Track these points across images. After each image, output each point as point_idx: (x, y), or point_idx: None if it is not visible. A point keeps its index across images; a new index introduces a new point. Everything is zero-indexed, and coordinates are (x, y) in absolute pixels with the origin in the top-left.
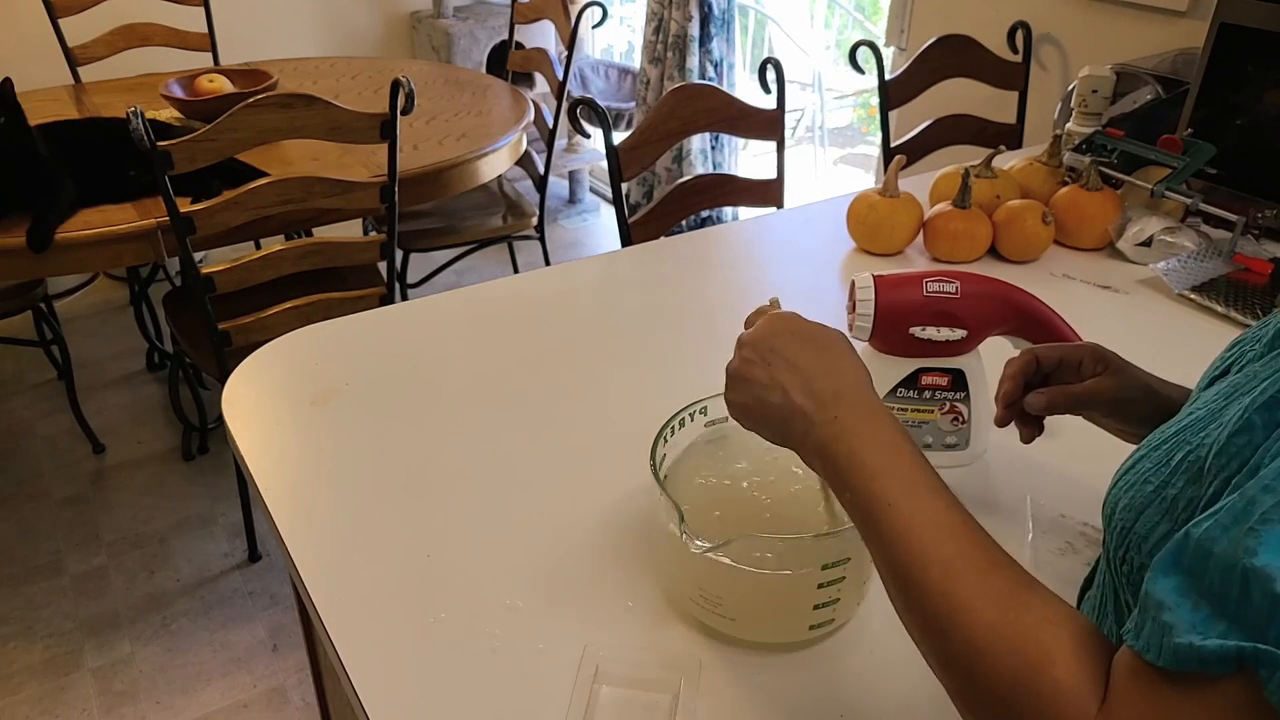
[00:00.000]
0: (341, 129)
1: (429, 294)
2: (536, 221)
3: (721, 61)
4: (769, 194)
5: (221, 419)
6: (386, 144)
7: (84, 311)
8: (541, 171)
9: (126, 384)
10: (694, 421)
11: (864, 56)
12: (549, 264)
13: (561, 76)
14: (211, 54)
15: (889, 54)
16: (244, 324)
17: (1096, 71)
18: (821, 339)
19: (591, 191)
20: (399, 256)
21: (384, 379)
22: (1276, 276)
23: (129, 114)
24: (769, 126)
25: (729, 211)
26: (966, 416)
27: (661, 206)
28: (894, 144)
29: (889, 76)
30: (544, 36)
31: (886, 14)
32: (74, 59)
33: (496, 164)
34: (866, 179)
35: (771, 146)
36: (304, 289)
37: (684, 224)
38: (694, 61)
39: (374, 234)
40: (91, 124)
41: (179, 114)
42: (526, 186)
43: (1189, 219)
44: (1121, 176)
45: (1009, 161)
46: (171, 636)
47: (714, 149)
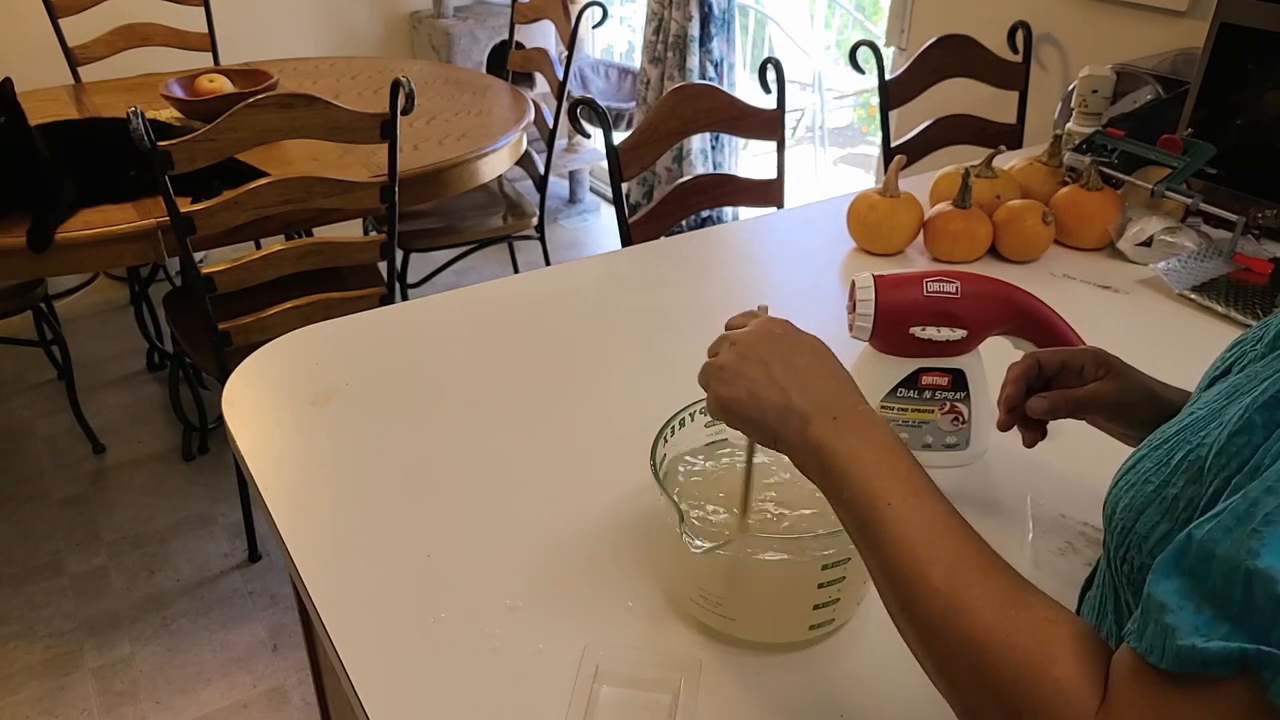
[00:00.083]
0: (341, 129)
1: (429, 294)
2: (536, 221)
3: (721, 61)
4: (769, 194)
5: (221, 419)
6: (386, 144)
7: (84, 311)
8: (541, 171)
9: (126, 384)
10: (694, 421)
11: (864, 56)
12: (549, 264)
13: (561, 76)
14: (211, 54)
15: (889, 54)
16: (244, 324)
17: (1096, 71)
18: (816, 346)
19: (591, 191)
20: (399, 256)
21: (384, 379)
22: (1276, 276)
23: (129, 114)
24: (769, 126)
25: (729, 211)
26: (966, 416)
27: (661, 206)
28: (894, 144)
29: (889, 76)
30: (544, 36)
31: (886, 14)
32: (74, 59)
33: (496, 164)
34: (866, 179)
35: (771, 146)
36: (304, 289)
37: (684, 224)
38: (694, 61)
39: (374, 234)
40: (91, 124)
41: (179, 114)
42: (526, 186)
43: (1189, 219)
44: (1121, 176)
45: (1009, 161)
46: (171, 636)
47: (714, 149)
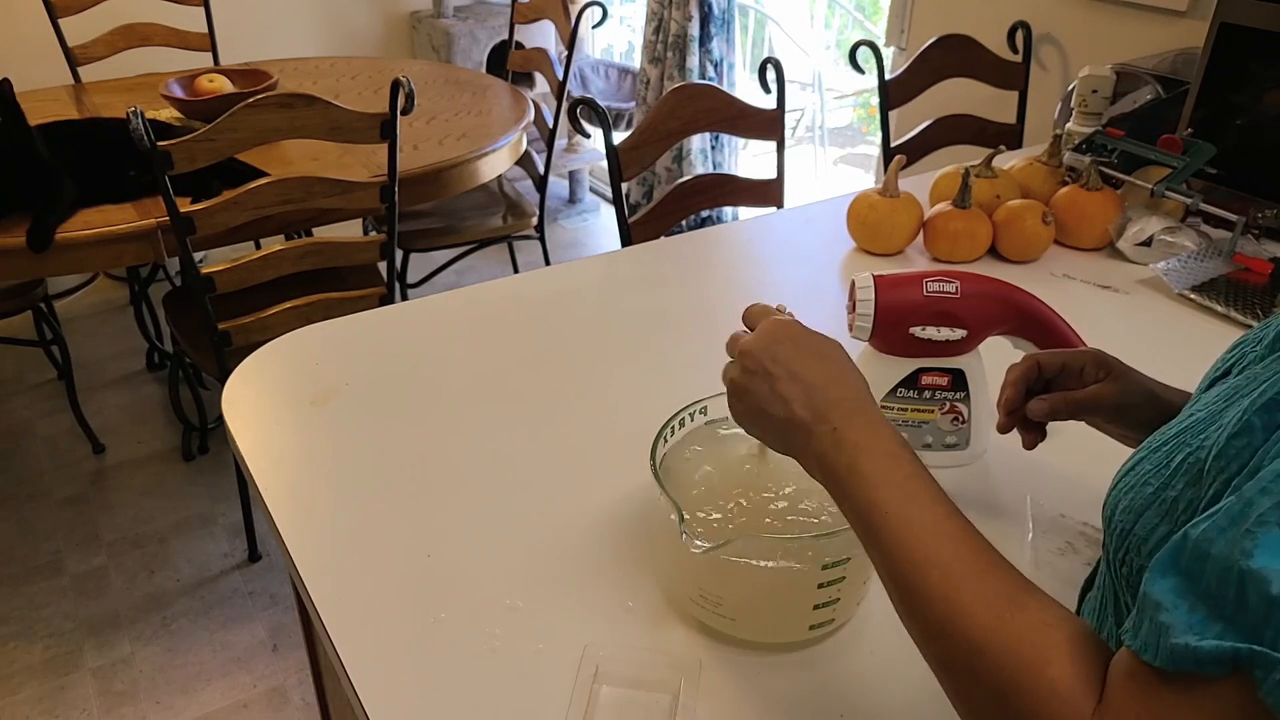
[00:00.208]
0: (341, 129)
1: (429, 294)
2: (536, 221)
3: (721, 61)
4: (769, 194)
5: (221, 419)
6: (386, 144)
7: (84, 311)
8: (541, 171)
9: (126, 384)
10: (694, 421)
11: (864, 56)
12: (549, 264)
13: (561, 76)
14: (211, 54)
15: (889, 54)
16: (244, 324)
17: (1096, 71)
18: (821, 348)
19: (591, 191)
20: (399, 256)
21: (384, 379)
22: (1276, 276)
23: (129, 114)
24: (769, 126)
25: (729, 211)
26: (966, 416)
27: (661, 206)
28: (894, 144)
29: (889, 76)
30: (544, 36)
31: (886, 14)
32: (74, 59)
33: (496, 164)
34: (866, 179)
35: (771, 146)
36: (304, 289)
37: (684, 224)
38: (694, 61)
39: (374, 234)
40: (91, 124)
41: (179, 114)
42: (526, 186)
43: (1189, 219)
44: (1121, 176)
45: (1009, 161)
46: (171, 636)
47: (714, 149)
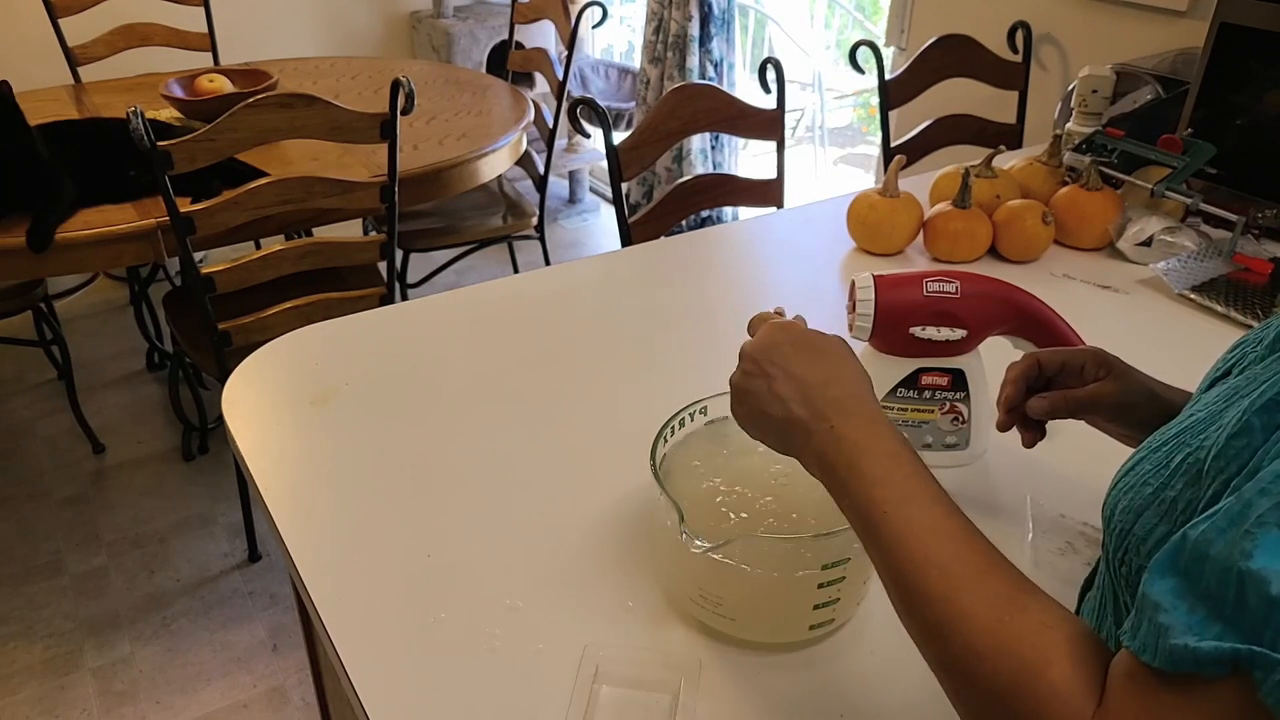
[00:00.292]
0: (341, 129)
1: (429, 294)
2: (536, 221)
3: (721, 61)
4: (769, 194)
5: (221, 419)
6: (386, 144)
7: (84, 311)
8: (541, 171)
9: (126, 384)
10: (694, 421)
11: (864, 56)
12: (549, 264)
13: (561, 76)
14: (211, 54)
15: (889, 54)
16: (244, 324)
17: (1096, 71)
18: (821, 346)
19: (591, 191)
20: (399, 256)
21: (384, 379)
22: (1276, 276)
23: (129, 114)
24: (769, 126)
25: (729, 211)
26: (966, 416)
27: (661, 206)
28: (894, 144)
29: (889, 76)
30: (544, 36)
31: (886, 14)
32: (74, 59)
33: (496, 164)
34: (866, 179)
35: (771, 146)
36: (304, 289)
37: (684, 224)
38: (694, 61)
39: (374, 234)
40: (91, 124)
41: (179, 114)
42: (526, 186)
43: (1189, 219)
44: (1121, 176)
45: (1009, 161)
46: (171, 636)
47: (714, 149)
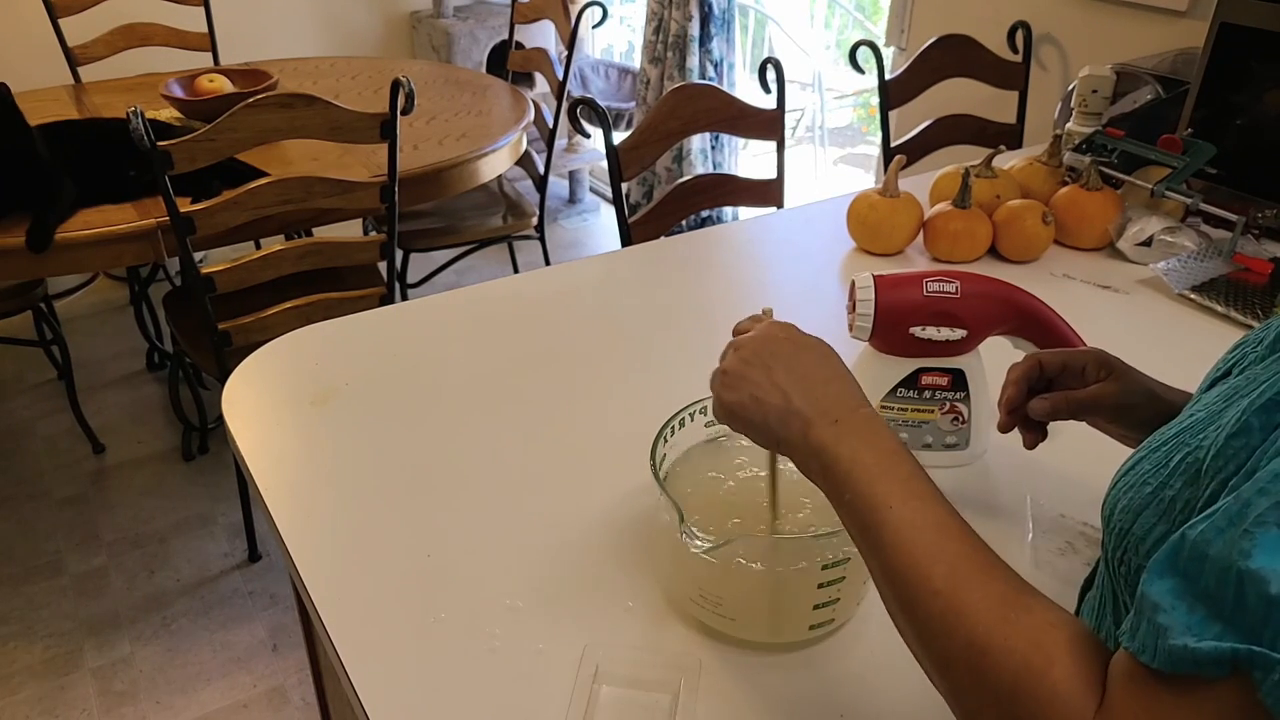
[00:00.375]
0: (341, 129)
1: (429, 294)
2: (536, 221)
3: (721, 61)
4: (769, 194)
5: (221, 419)
6: (386, 144)
7: (84, 311)
8: (541, 171)
9: (126, 384)
10: (694, 421)
11: (864, 56)
12: (549, 264)
13: (561, 76)
14: (211, 54)
15: (889, 54)
16: (244, 324)
17: (1096, 71)
18: (820, 349)
19: (591, 191)
20: (399, 256)
21: (384, 379)
22: (1276, 276)
23: (129, 114)
24: (769, 126)
25: (729, 211)
26: (966, 416)
27: (661, 206)
28: (894, 144)
29: (889, 76)
30: (544, 36)
31: (886, 14)
32: (74, 59)
33: (496, 164)
34: (866, 179)
35: (771, 146)
36: (304, 289)
37: (684, 224)
38: (694, 61)
39: (374, 234)
40: (91, 124)
41: (179, 114)
42: (526, 186)
43: (1189, 219)
44: (1121, 176)
45: (1009, 161)
46: (171, 636)
47: (714, 149)
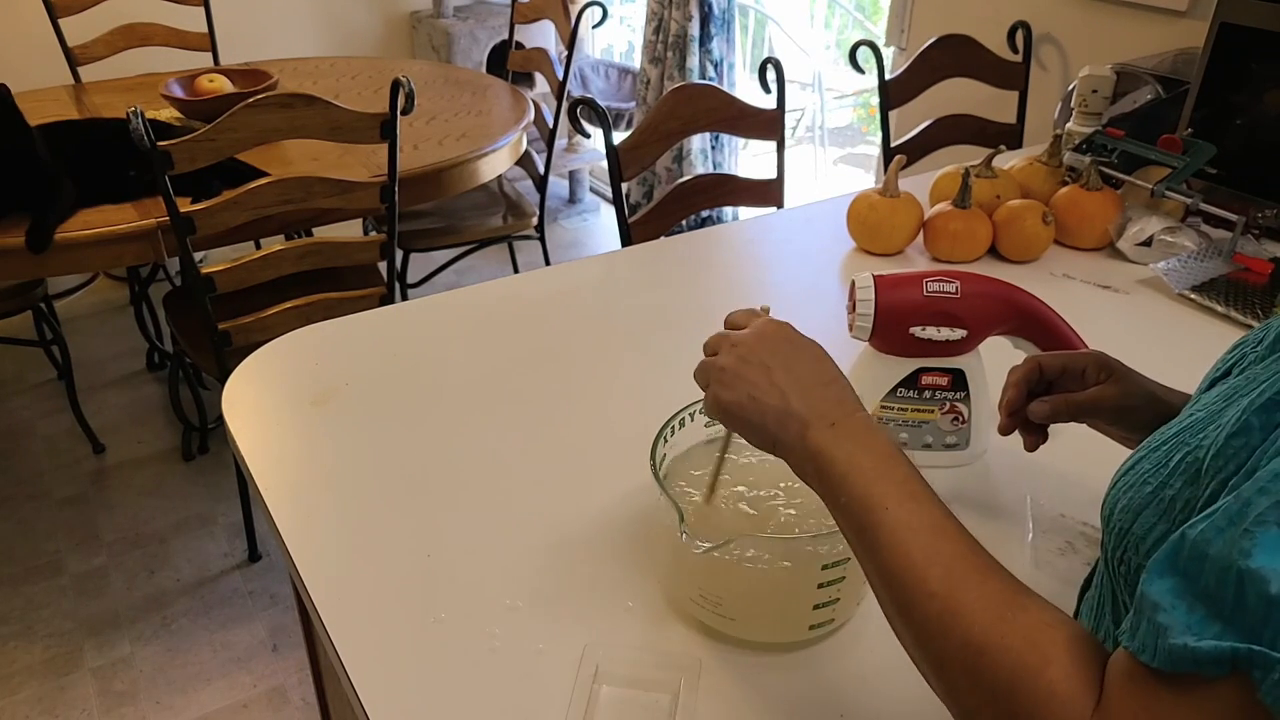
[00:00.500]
0: (341, 129)
1: (429, 294)
2: (536, 221)
3: (721, 61)
4: (769, 194)
5: (221, 419)
6: (386, 144)
7: (84, 311)
8: (541, 171)
9: (126, 384)
10: (694, 421)
11: (864, 56)
12: (549, 264)
13: (561, 76)
14: (211, 54)
15: (889, 54)
16: (244, 324)
17: (1096, 71)
18: (816, 351)
19: (591, 191)
20: (399, 256)
21: (384, 379)
22: (1276, 276)
23: (129, 114)
24: (769, 126)
25: (729, 211)
26: (966, 416)
27: (661, 206)
28: (894, 144)
29: (889, 76)
30: (544, 36)
31: (886, 14)
32: (74, 59)
33: (496, 164)
34: (866, 179)
35: (771, 146)
36: (304, 289)
37: (684, 224)
38: (694, 61)
39: (374, 234)
40: (91, 124)
41: (179, 114)
42: (526, 186)
43: (1189, 219)
44: (1121, 176)
45: (1009, 161)
46: (171, 636)
47: (714, 149)
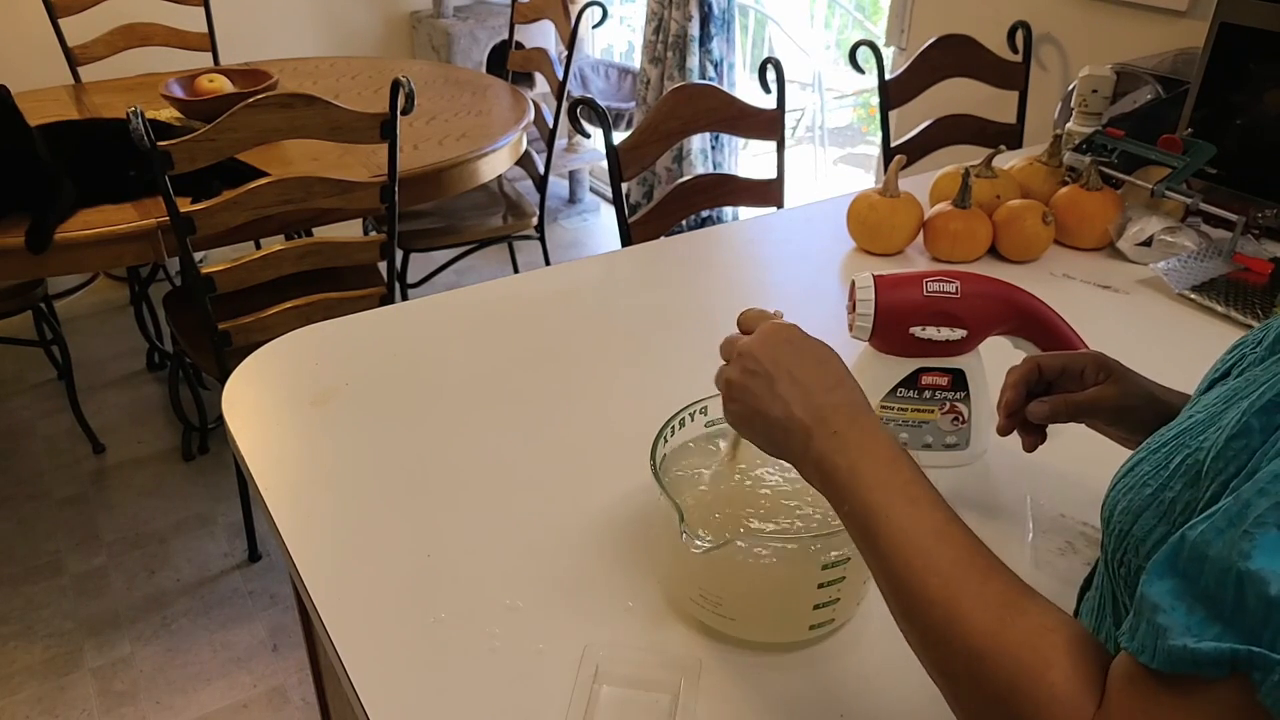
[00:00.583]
0: (341, 129)
1: (429, 294)
2: (536, 221)
3: (721, 61)
4: (769, 194)
5: (221, 419)
6: (386, 144)
7: (84, 311)
8: (541, 171)
9: (126, 384)
10: (694, 421)
11: (864, 56)
12: (549, 264)
13: (561, 76)
14: (211, 54)
15: (889, 54)
16: (244, 324)
17: (1096, 71)
18: (821, 353)
19: (591, 191)
20: (399, 256)
21: (384, 379)
22: (1276, 276)
23: (129, 114)
24: (769, 126)
25: (729, 211)
26: (966, 416)
27: (661, 206)
28: (894, 144)
29: (889, 76)
30: (544, 36)
31: (886, 14)
32: (74, 59)
33: (496, 164)
34: (866, 179)
35: (771, 146)
36: (304, 289)
37: (684, 224)
38: (694, 61)
39: (374, 234)
40: (91, 124)
41: (179, 114)
42: (526, 186)
43: (1189, 219)
44: (1121, 176)
45: (1009, 161)
46: (171, 636)
47: (714, 149)
